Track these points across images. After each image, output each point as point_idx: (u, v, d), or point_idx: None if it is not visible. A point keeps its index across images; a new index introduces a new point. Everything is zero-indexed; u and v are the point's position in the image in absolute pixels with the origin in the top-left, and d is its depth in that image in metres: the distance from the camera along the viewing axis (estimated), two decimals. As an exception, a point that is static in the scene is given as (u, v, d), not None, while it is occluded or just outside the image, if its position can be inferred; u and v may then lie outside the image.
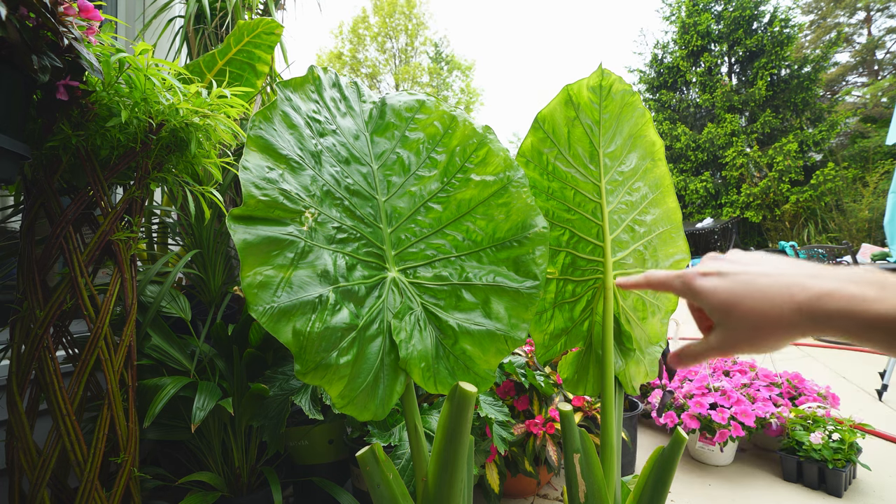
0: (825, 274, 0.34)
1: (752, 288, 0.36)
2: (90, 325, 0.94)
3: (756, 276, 0.37)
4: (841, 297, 0.32)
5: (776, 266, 0.38)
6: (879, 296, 0.31)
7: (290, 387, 1.33)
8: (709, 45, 13.22)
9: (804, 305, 0.33)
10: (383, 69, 22.25)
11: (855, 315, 0.31)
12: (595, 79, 1.00)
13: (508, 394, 1.71)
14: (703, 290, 0.39)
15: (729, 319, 0.38)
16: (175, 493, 1.39)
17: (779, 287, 0.35)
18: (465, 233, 0.87)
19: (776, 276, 0.36)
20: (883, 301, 0.30)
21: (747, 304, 0.36)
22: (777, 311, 0.34)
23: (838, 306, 0.31)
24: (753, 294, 0.36)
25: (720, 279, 0.39)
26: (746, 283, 0.37)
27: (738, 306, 0.37)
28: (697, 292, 0.40)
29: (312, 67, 0.86)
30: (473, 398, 0.73)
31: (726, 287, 0.38)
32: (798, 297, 0.34)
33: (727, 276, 0.39)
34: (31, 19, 0.76)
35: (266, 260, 0.66)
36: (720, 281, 0.39)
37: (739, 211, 11.95)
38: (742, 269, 0.39)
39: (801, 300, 0.33)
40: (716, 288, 0.39)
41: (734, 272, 0.39)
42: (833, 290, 0.32)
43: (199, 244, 1.54)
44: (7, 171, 0.80)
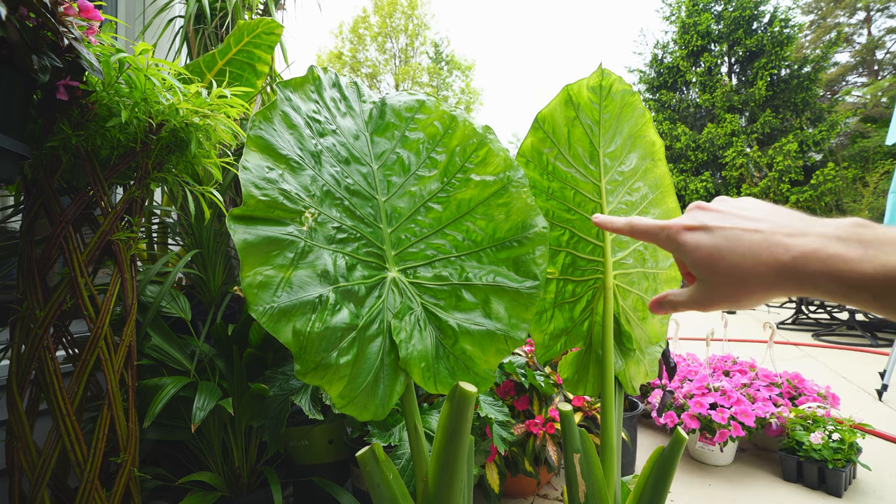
0: (811, 230, 0.33)
1: (735, 244, 0.35)
2: (90, 325, 0.94)
3: (741, 232, 0.36)
4: (825, 257, 0.30)
5: (764, 217, 0.36)
6: (862, 255, 0.29)
7: (290, 387, 1.34)
8: (709, 45, 13.22)
9: (787, 266, 0.32)
10: (383, 69, 22.25)
11: (837, 276, 0.30)
12: (595, 79, 1.00)
13: (508, 394, 1.71)
14: (687, 245, 0.38)
15: (711, 276, 0.37)
16: (175, 493, 1.39)
17: (761, 246, 0.34)
18: (465, 233, 0.87)
19: (762, 232, 0.35)
20: (865, 261, 0.29)
21: (729, 262, 0.35)
22: (759, 271, 0.33)
23: (821, 268, 0.30)
24: (736, 252, 0.35)
25: (704, 234, 0.37)
26: (730, 239, 0.36)
27: (721, 264, 0.36)
28: (681, 247, 0.39)
29: (312, 67, 0.86)
30: (473, 398, 0.73)
31: (710, 243, 0.37)
32: (781, 257, 0.33)
33: (712, 230, 0.37)
34: (31, 19, 0.76)
35: (266, 260, 0.66)
36: (704, 236, 0.37)
37: (739, 211, 11.93)
38: (728, 222, 0.37)
39: (785, 261, 0.32)
40: (699, 244, 0.37)
41: (719, 226, 0.37)
42: (817, 250, 0.31)
43: (199, 244, 1.54)
44: (7, 171, 0.80)
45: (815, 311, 5.43)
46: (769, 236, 0.34)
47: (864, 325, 4.79)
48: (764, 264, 0.33)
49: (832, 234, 0.32)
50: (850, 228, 0.31)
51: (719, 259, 0.36)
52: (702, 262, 0.37)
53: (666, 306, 0.43)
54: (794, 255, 0.32)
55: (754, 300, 0.36)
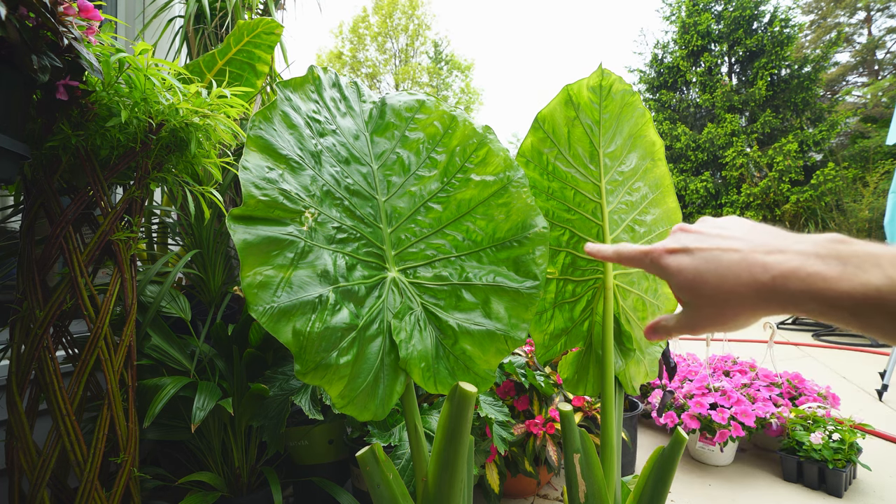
0: (790, 247, 0.33)
1: (715, 265, 0.35)
2: (90, 325, 0.94)
3: (720, 253, 0.36)
4: (804, 276, 0.30)
5: (742, 236, 0.36)
6: (841, 273, 0.29)
7: (290, 387, 1.33)
8: (709, 45, 13.21)
9: (768, 286, 0.32)
10: (383, 69, 22.25)
11: (818, 295, 0.30)
12: (595, 79, 0.99)
13: (508, 394, 1.71)
14: (670, 268, 0.38)
15: (695, 299, 0.37)
16: (175, 493, 1.39)
17: (740, 266, 0.34)
18: (465, 233, 0.87)
19: (740, 251, 0.35)
20: (844, 279, 0.29)
21: (711, 283, 0.35)
22: (740, 292, 0.33)
23: (801, 287, 0.30)
24: (716, 273, 0.35)
25: (686, 256, 0.38)
26: (710, 261, 0.36)
27: (703, 286, 0.36)
28: (664, 271, 0.39)
29: (312, 67, 0.86)
30: (473, 398, 0.73)
31: (691, 266, 0.37)
32: (761, 277, 0.32)
33: (693, 252, 0.37)
34: (31, 19, 0.76)
35: (266, 260, 0.66)
36: (686, 259, 0.37)
37: (739, 211, 11.95)
38: (708, 243, 0.37)
39: (765, 281, 0.32)
40: (681, 267, 0.37)
41: (700, 248, 0.37)
42: (796, 269, 0.31)
43: (199, 244, 1.54)
44: (7, 171, 0.80)
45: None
46: (747, 255, 0.34)
47: (864, 325, 4.78)
48: (744, 285, 0.33)
49: (811, 251, 0.31)
50: (829, 245, 0.31)
51: (701, 281, 0.36)
52: (685, 285, 0.37)
53: (659, 332, 0.43)
54: (773, 274, 0.32)
55: (740, 321, 0.36)
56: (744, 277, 0.33)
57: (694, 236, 0.39)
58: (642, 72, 14.43)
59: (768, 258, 0.33)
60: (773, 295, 0.32)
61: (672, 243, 0.39)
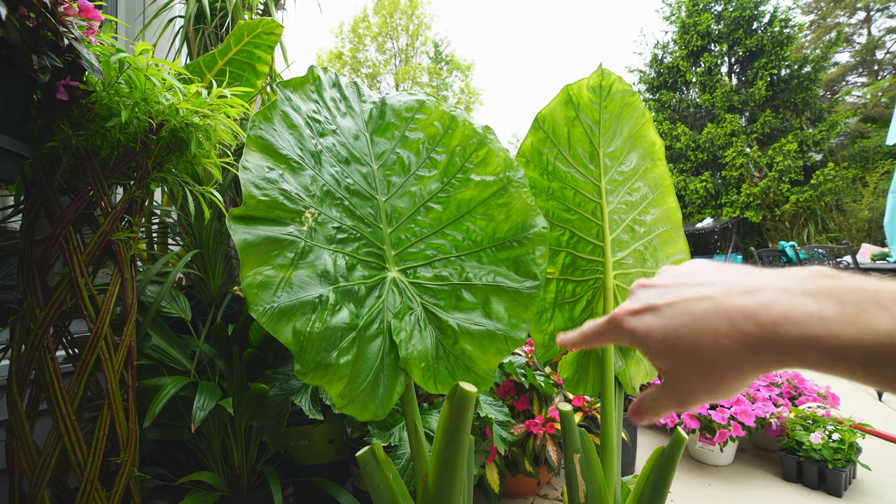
0: (770, 284, 0.27)
1: (687, 320, 0.29)
2: (90, 325, 0.94)
3: (690, 303, 0.30)
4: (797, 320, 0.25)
5: (711, 280, 0.31)
6: (839, 314, 0.24)
7: (290, 387, 1.33)
8: (709, 45, 13.22)
9: (755, 337, 0.26)
10: (383, 69, 22.25)
11: (818, 343, 0.24)
12: (595, 79, 1.00)
13: (508, 394, 1.71)
14: (638, 333, 0.32)
15: (674, 365, 0.31)
16: (175, 493, 1.39)
17: (717, 315, 0.28)
18: (465, 233, 0.87)
19: (712, 298, 0.29)
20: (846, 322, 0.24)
21: (687, 343, 0.29)
22: (725, 347, 0.27)
23: (798, 334, 0.25)
24: (691, 328, 0.29)
25: (652, 316, 0.32)
26: (680, 315, 0.30)
27: (679, 348, 0.30)
28: (631, 335, 0.33)
29: (312, 67, 0.86)
30: (473, 398, 0.73)
31: (661, 325, 0.31)
32: (744, 326, 0.27)
33: (659, 309, 0.31)
34: (31, 19, 0.76)
35: (266, 260, 0.66)
36: (652, 318, 0.32)
37: (739, 211, 11.96)
38: (673, 295, 0.31)
39: (750, 331, 0.26)
40: (650, 329, 0.31)
41: (666, 303, 0.31)
42: (785, 312, 0.25)
43: (199, 244, 1.54)
44: (7, 171, 0.80)
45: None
46: (722, 301, 0.28)
47: (864, 325, 4.79)
48: (727, 337, 0.27)
49: (795, 287, 0.26)
50: (817, 280, 0.26)
51: (675, 342, 0.30)
52: (658, 350, 0.31)
53: (645, 413, 0.36)
54: (759, 320, 0.26)
55: (734, 386, 0.29)
56: (723, 328, 0.27)
57: (657, 291, 0.33)
58: (642, 72, 14.44)
59: (747, 301, 0.27)
60: (765, 346, 0.26)
61: (634, 303, 0.34)
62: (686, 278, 0.33)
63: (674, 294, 0.32)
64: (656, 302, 0.32)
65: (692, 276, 0.33)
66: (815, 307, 0.25)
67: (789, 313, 0.25)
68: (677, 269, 0.35)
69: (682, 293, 0.31)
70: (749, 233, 12.53)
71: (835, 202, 10.89)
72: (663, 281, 0.34)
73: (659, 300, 0.32)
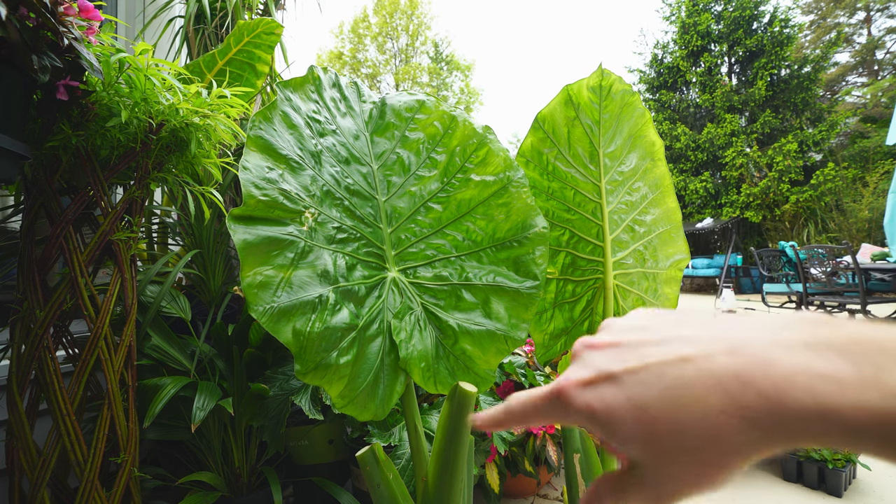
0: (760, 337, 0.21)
1: (664, 391, 0.22)
2: (90, 325, 0.94)
3: (664, 368, 0.23)
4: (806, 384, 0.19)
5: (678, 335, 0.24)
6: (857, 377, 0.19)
7: (290, 387, 1.33)
8: (709, 45, 13.22)
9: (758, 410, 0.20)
10: (383, 69, 22.26)
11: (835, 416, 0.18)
12: (595, 79, 1.00)
13: (508, 394, 1.71)
14: (595, 412, 0.24)
15: (648, 456, 0.23)
16: (175, 493, 1.39)
17: (705, 384, 0.21)
18: (465, 233, 0.87)
19: (692, 360, 0.22)
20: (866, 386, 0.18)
21: (667, 423, 0.22)
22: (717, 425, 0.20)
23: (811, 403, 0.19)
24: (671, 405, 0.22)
25: (611, 388, 0.24)
26: (653, 386, 0.22)
27: (655, 433, 0.22)
28: (584, 415, 0.24)
29: (312, 67, 0.86)
30: (473, 398, 0.73)
31: (627, 402, 0.23)
32: (741, 397, 0.20)
33: (619, 378, 0.24)
34: (31, 19, 0.76)
35: (266, 260, 0.66)
36: (612, 392, 0.24)
37: (739, 211, 11.96)
38: (638, 358, 0.24)
39: (748, 403, 0.20)
40: (610, 406, 0.23)
41: (629, 368, 0.24)
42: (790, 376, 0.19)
43: (199, 244, 1.54)
44: (7, 171, 0.80)
45: (815, 311, 5.44)
46: (705, 363, 0.22)
47: (864, 325, 4.78)
48: (722, 413, 0.20)
49: (793, 340, 0.20)
50: (815, 330, 0.21)
51: (650, 424, 0.22)
52: (628, 436, 0.23)
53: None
54: (760, 388, 0.20)
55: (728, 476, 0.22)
56: (714, 401, 0.21)
57: (611, 353, 0.25)
58: (642, 72, 14.44)
59: (738, 362, 0.21)
60: (771, 422, 0.19)
61: (583, 371, 0.25)
62: (642, 333, 0.26)
63: (635, 356, 0.24)
64: (613, 369, 0.24)
65: (647, 330, 0.26)
66: (826, 367, 0.19)
67: (796, 377, 0.19)
68: (626, 322, 0.28)
69: (646, 354, 0.24)
70: (749, 233, 12.53)
71: (835, 202, 10.89)
72: (614, 338, 0.26)
73: (616, 366, 0.24)
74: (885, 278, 5.00)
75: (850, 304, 4.56)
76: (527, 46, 72.58)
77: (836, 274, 4.76)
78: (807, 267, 4.99)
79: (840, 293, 4.89)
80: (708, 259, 10.97)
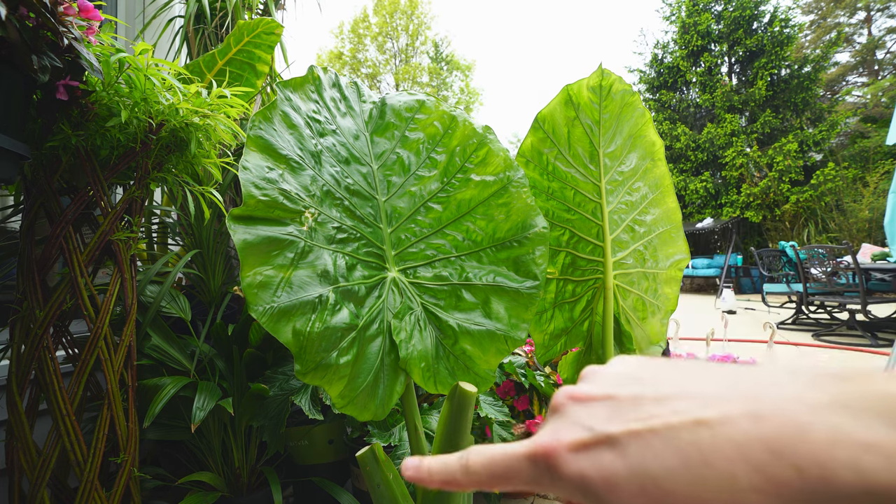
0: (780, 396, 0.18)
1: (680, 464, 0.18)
2: (90, 325, 0.94)
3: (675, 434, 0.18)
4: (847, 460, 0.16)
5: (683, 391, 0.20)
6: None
7: (290, 387, 1.33)
8: (709, 45, 13.22)
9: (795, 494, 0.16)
10: (383, 69, 22.27)
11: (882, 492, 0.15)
12: (595, 79, 0.99)
13: (508, 394, 1.71)
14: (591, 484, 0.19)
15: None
16: (175, 493, 1.39)
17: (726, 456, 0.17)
18: (465, 233, 0.87)
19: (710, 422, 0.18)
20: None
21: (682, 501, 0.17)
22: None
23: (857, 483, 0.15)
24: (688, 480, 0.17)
25: (613, 455, 0.19)
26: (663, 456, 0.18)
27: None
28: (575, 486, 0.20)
29: (312, 67, 0.86)
30: (473, 398, 0.73)
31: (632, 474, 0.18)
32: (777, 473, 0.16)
33: (620, 444, 0.19)
34: (31, 19, 0.76)
35: (266, 260, 0.66)
36: (615, 460, 0.19)
37: (739, 211, 11.96)
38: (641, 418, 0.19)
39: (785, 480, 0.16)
40: (612, 479, 0.19)
41: (631, 430, 0.19)
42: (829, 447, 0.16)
43: (199, 244, 1.54)
44: (7, 171, 0.80)
45: (815, 311, 5.44)
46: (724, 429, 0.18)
47: (864, 325, 4.79)
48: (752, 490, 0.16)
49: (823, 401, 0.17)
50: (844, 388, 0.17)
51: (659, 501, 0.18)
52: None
53: None
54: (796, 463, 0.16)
55: None
56: (742, 477, 0.17)
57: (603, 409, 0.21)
58: (642, 72, 14.44)
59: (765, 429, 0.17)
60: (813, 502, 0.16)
61: (573, 431, 0.21)
62: (637, 387, 0.21)
63: (636, 416, 0.20)
64: (611, 430, 0.20)
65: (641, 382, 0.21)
66: (867, 434, 0.16)
67: (835, 449, 0.16)
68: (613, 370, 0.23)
69: (650, 414, 0.19)
70: (749, 233, 12.53)
71: (835, 202, 10.88)
72: (605, 391, 0.22)
73: (614, 427, 0.20)
74: (885, 278, 5.00)
75: (850, 304, 4.56)
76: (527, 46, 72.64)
77: (837, 274, 4.76)
78: (807, 267, 4.99)
79: (840, 293, 4.88)
80: (708, 259, 10.97)
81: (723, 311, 6.32)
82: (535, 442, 0.21)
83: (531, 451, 0.21)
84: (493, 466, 0.22)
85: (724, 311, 5.82)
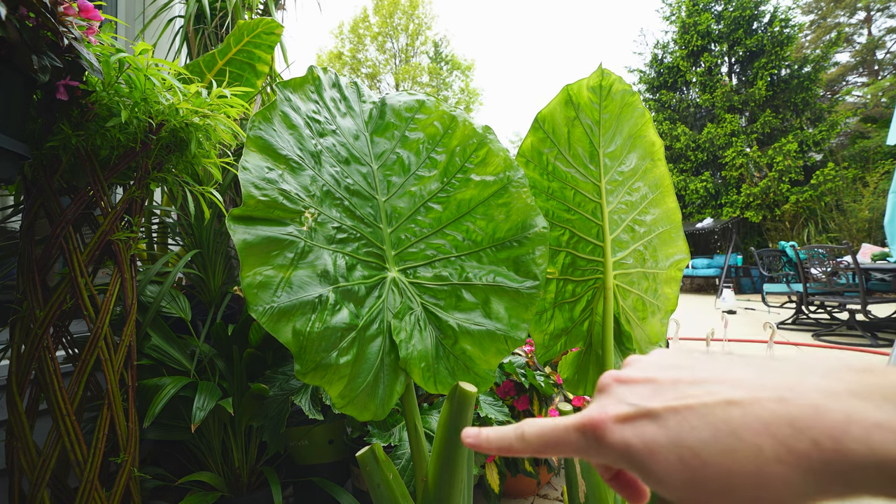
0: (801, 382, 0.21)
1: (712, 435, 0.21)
2: (90, 325, 0.94)
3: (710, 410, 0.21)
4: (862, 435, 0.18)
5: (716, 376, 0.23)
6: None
7: (290, 387, 1.33)
8: (709, 45, 13.22)
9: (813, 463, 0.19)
10: (383, 69, 22.26)
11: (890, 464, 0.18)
12: (595, 79, 0.99)
13: (508, 394, 1.71)
14: (634, 451, 0.22)
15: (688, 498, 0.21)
16: (175, 493, 1.39)
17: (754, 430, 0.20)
18: (465, 233, 0.87)
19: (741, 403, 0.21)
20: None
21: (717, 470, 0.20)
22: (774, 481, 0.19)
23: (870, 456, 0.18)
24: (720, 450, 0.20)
25: (654, 426, 0.22)
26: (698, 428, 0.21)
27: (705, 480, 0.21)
28: (619, 453, 0.23)
29: (312, 67, 0.86)
30: (473, 398, 0.73)
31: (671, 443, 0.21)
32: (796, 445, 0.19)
33: (660, 417, 0.22)
34: (31, 19, 0.76)
35: (266, 260, 0.66)
36: (656, 431, 0.22)
37: (739, 211, 11.96)
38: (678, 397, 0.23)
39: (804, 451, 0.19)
40: (653, 447, 0.22)
41: (670, 406, 0.22)
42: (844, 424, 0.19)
43: (199, 244, 1.54)
44: (7, 171, 0.80)
45: (815, 311, 5.44)
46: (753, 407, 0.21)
47: (864, 325, 4.79)
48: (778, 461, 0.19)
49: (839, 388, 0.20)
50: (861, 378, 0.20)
51: (698, 469, 0.21)
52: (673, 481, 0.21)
53: None
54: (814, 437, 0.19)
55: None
56: (769, 448, 0.20)
57: (645, 390, 0.24)
58: (642, 72, 14.43)
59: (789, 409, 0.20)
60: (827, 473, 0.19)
61: (619, 406, 0.24)
62: (676, 371, 0.24)
63: (674, 395, 0.23)
64: (652, 406, 0.23)
65: (680, 368, 0.25)
66: (878, 415, 0.18)
67: (850, 425, 0.19)
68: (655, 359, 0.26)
69: (686, 394, 0.23)
70: (749, 233, 12.53)
71: (835, 202, 10.89)
72: (647, 374, 0.25)
73: (655, 403, 0.23)
74: (885, 278, 5.00)
75: (850, 304, 4.56)
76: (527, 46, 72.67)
77: (837, 274, 4.76)
78: (807, 267, 4.99)
79: (840, 293, 4.88)
80: (708, 259, 10.97)
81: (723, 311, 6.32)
82: (584, 415, 0.25)
83: (580, 422, 0.24)
84: (545, 436, 0.26)
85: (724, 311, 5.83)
